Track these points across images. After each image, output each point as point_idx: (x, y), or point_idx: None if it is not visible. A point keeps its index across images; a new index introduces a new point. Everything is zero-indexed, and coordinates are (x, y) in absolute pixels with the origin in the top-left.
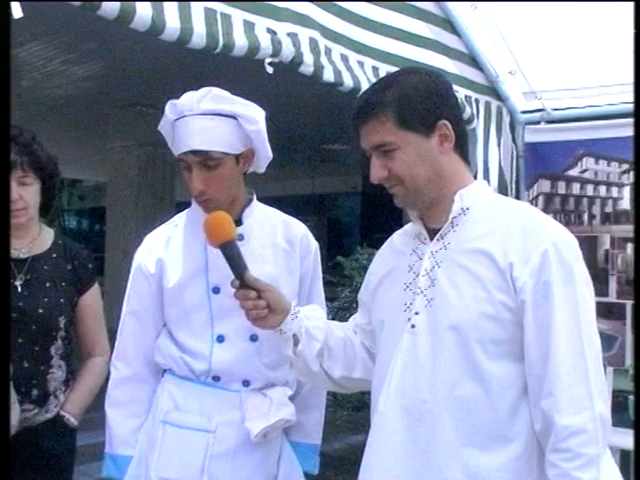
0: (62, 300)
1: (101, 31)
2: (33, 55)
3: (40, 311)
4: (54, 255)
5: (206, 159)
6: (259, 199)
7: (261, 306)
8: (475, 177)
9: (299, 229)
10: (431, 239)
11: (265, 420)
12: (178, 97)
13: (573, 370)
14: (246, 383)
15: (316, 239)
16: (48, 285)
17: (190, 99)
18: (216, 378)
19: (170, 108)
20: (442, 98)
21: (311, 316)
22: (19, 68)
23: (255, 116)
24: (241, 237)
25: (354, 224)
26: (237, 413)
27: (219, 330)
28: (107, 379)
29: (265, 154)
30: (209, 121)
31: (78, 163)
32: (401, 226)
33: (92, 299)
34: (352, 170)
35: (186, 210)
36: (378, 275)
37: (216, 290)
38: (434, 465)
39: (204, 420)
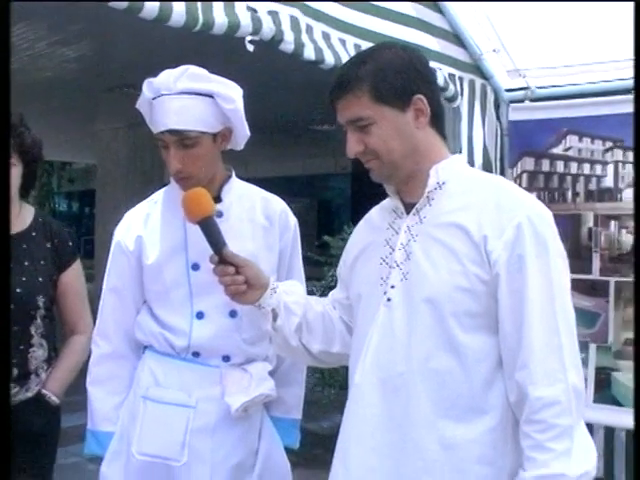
0: (41, 279)
1: (87, 12)
2: (20, 37)
3: (18, 290)
4: (33, 233)
5: (183, 138)
6: (249, 180)
7: (239, 281)
8: (460, 153)
9: (278, 205)
10: (407, 213)
11: (245, 395)
12: None
13: (547, 343)
14: (226, 358)
15: (306, 220)
16: (27, 264)
17: (167, 78)
18: (196, 354)
19: (147, 87)
20: (418, 73)
21: (290, 291)
22: None
23: (232, 94)
24: (220, 214)
25: (344, 205)
26: (217, 388)
27: (198, 306)
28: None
29: (243, 132)
30: (186, 100)
31: (67, 146)
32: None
33: (73, 277)
34: (342, 151)
35: (164, 187)
36: (355, 250)
37: (195, 267)
38: (410, 437)
39: (184, 395)
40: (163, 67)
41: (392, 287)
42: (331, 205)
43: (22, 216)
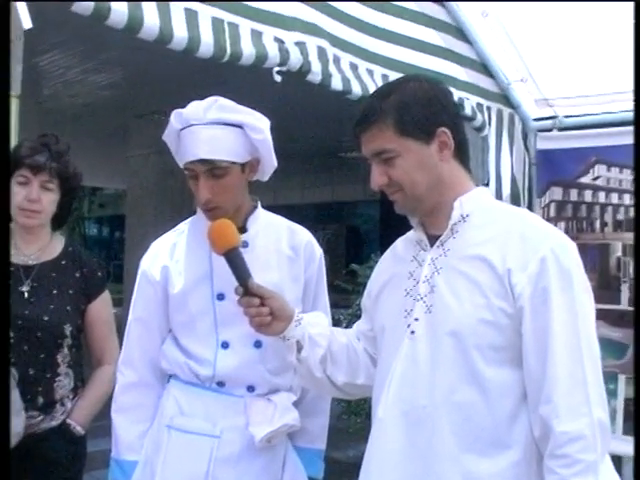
0: (69, 308)
1: (118, 40)
2: (53, 64)
3: (45, 318)
4: (63, 262)
5: (213, 168)
6: (278, 208)
7: (264, 313)
8: (487, 184)
9: (303, 236)
10: (432, 246)
11: (269, 425)
12: None
13: (571, 376)
14: (250, 389)
15: (334, 248)
16: (55, 292)
17: (196, 108)
18: (221, 384)
19: (176, 117)
20: (441, 105)
21: (314, 323)
22: (39, 77)
23: (261, 125)
24: (245, 244)
25: (373, 232)
26: (241, 418)
27: (224, 336)
28: None
29: (270, 163)
30: (216, 130)
31: (98, 171)
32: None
33: (101, 307)
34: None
35: (191, 217)
36: (380, 281)
37: (221, 297)
38: (433, 471)
39: (209, 425)
40: (192, 95)
41: (416, 320)
42: (360, 232)
43: (52, 245)
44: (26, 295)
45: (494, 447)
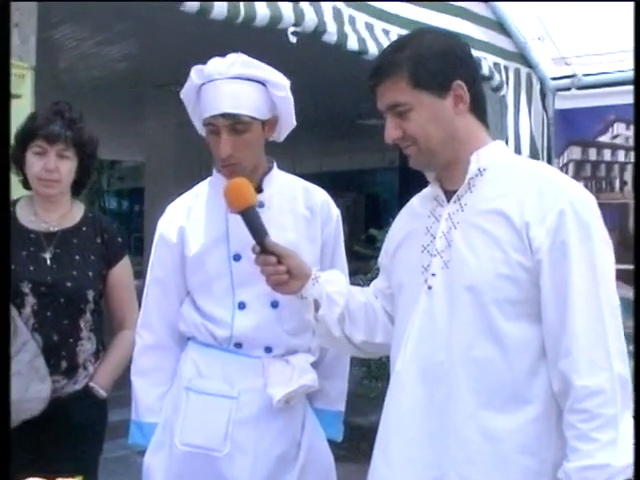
0: (91, 273)
1: (132, 11)
2: (67, 37)
3: (68, 284)
4: (84, 229)
5: (235, 123)
6: (297, 175)
7: (281, 271)
8: (506, 143)
9: (319, 196)
10: (448, 201)
11: (287, 386)
12: None
13: (591, 330)
14: (268, 350)
15: (353, 215)
16: (77, 258)
17: (219, 63)
18: (238, 345)
19: (196, 73)
20: (457, 58)
21: (332, 281)
22: (54, 50)
23: (283, 82)
24: (261, 204)
25: (391, 199)
26: (259, 379)
27: (240, 297)
28: None
29: (289, 122)
30: (239, 85)
31: (116, 144)
32: None
33: (122, 272)
34: (389, 145)
35: (207, 179)
36: (397, 238)
37: (237, 257)
38: (451, 426)
39: (227, 386)
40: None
41: (433, 275)
42: (378, 200)
43: (73, 212)
44: (49, 262)
45: (513, 403)
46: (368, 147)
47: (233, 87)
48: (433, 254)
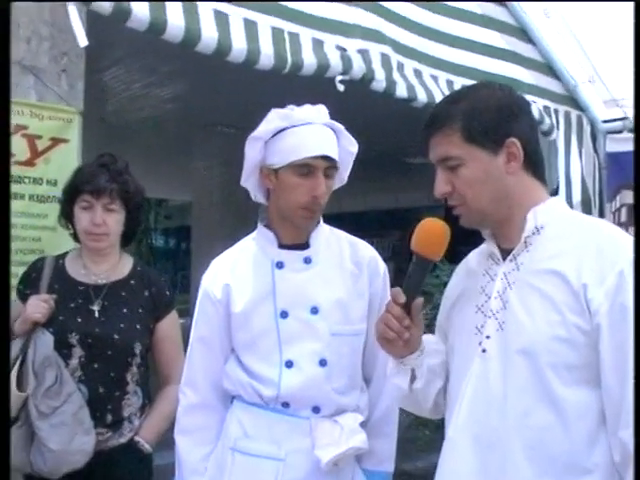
0: (138, 326)
1: (179, 53)
2: (116, 79)
3: (116, 337)
4: (132, 282)
5: (330, 166)
6: (343, 215)
7: (403, 336)
8: (557, 189)
9: (366, 251)
10: (504, 259)
11: (336, 447)
12: (256, 117)
13: None
14: (316, 409)
15: (399, 254)
16: (125, 311)
17: (308, 109)
18: (285, 404)
19: (280, 116)
20: (512, 114)
21: (434, 351)
22: (102, 93)
23: (353, 139)
24: (308, 260)
25: None
26: (307, 440)
27: (287, 355)
28: None
29: (342, 178)
30: (330, 133)
31: (163, 183)
32: (483, 239)
33: (169, 326)
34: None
35: (251, 234)
36: (452, 297)
37: (284, 314)
38: None
39: (274, 447)
40: (255, 105)
41: (487, 337)
42: None
43: (121, 264)
44: (97, 314)
45: (572, 473)
46: (414, 185)
47: (328, 133)
48: (488, 315)
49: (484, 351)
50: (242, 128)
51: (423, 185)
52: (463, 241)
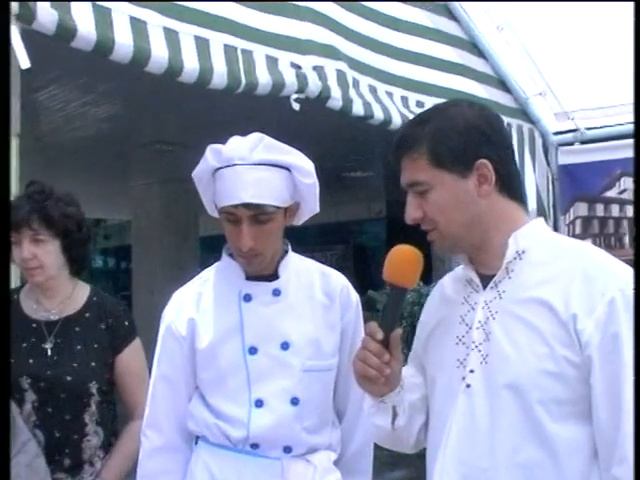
0: (94, 364)
1: (118, 72)
2: (52, 98)
3: (68, 379)
4: (87, 314)
5: (259, 213)
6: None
7: (384, 372)
8: None
9: (338, 281)
10: (484, 286)
11: None
12: (200, 135)
13: None
14: (287, 449)
15: (343, 267)
16: (79, 348)
17: (240, 146)
18: (255, 445)
19: (213, 154)
20: (482, 135)
21: (413, 385)
22: (38, 112)
23: (310, 168)
24: (277, 292)
25: (380, 249)
26: None
27: (257, 394)
28: None
29: (312, 207)
30: (263, 172)
31: (101, 203)
32: (428, 250)
33: (130, 358)
34: (376, 196)
35: (215, 264)
36: (429, 326)
37: (253, 350)
38: None
39: None
40: (194, 123)
41: (471, 371)
42: (366, 250)
43: (75, 296)
44: (49, 353)
45: None
46: (354, 199)
47: (256, 174)
48: (470, 347)
49: (468, 386)
50: (181, 145)
51: (363, 199)
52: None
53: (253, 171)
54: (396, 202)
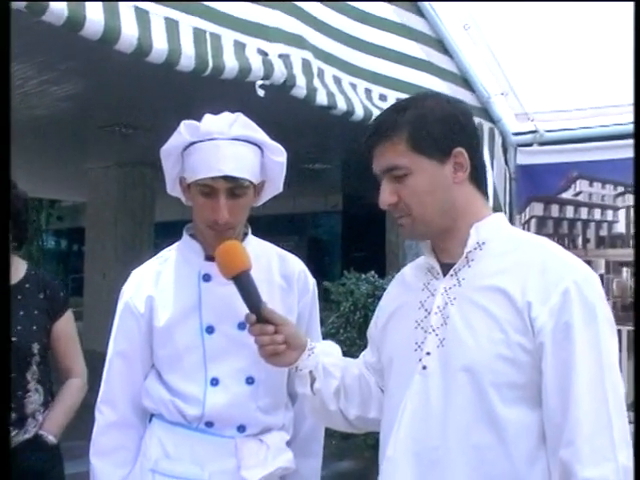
0: (35, 327)
1: (80, 51)
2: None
3: (14, 339)
4: (27, 285)
5: (236, 187)
6: None
7: (278, 341)
8: None
9: (296, 265)
10: (444, 274)
11: (262, 468)
12: (161, 118)
13: (595, 418)
14: (241, 429)
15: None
16: (22, 314)
17: (219, 122)
18: (209, 424)
19: (189, 130)
20: (459, 125)
21: (328, 352)
22: None
23: (280, 147)
24: None
25: (335, 243)
26: (232, 461)
27: (213, 373)
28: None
29: (277, 186)
30: (240, 147)
31: (57, 183)
32: (382, 244)
33: (65, 325)
34: (333, 189)
35: (176, 243)
36: (387, 311)
37: (210, 330)
38: None
39: (197, 469)
40: (156, 106)
41: (428, 354)
42: (321, 243)
43: (15, 269)
44: None
45: None
46: (311, 191)
47: (235, 149)
48: (428, 331)
49: (424, 368)
50: (139, 128)
51: (320, 190)
52: (359, 247)
53: (232, 146)
54: (352, 196)
